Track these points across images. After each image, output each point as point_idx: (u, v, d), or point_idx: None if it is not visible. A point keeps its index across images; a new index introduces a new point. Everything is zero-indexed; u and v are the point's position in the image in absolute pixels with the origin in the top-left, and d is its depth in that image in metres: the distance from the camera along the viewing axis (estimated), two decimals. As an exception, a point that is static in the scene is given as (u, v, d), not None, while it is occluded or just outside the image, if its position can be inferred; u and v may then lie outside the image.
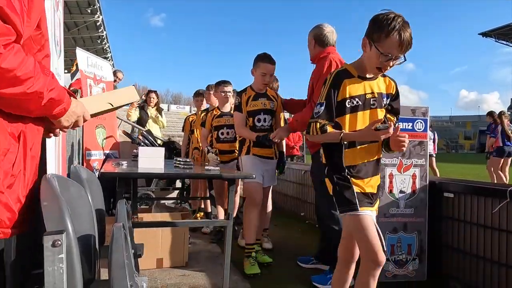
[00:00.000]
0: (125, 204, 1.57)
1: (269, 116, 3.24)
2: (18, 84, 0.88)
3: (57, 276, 0.88)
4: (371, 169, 1.91)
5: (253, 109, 3.22)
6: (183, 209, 4.59)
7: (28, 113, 0.98)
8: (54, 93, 1.00)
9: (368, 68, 1.85)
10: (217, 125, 3.91)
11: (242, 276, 2.94)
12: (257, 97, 3.22)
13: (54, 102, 1.01)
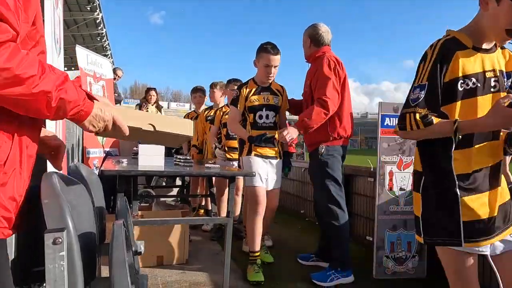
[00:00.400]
0: (125, 202, 1.58)
1: (273, 113, 3.01)
2: (18, 84, 0.85)
3: (58, 273, 0.88)
4: (490, 178, 1.39)
5: (254, 104, 2.98)
6: (183, 206, 4.60)
7: (42, 115, 0.94)
8: (65, 94, 0.95)
9: (492, 33, 1.36)
10: (227, 122, 3.87)
11: (242, 273, 2.95)
12: (260, 91, 3.00)
13: (67, 103, 0.96)
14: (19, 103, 0.87)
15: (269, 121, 3.01)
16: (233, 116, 3.05)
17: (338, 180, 2.87)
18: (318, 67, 2.85)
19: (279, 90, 3.09)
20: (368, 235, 3.62)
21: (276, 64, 2.93)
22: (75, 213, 0.99)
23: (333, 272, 2.76)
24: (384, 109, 2.97)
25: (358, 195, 3.98)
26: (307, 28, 3.03)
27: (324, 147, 2.86)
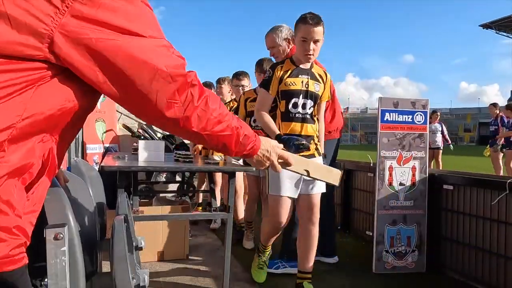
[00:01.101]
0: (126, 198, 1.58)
1: (311, 102, 2.40)
2: (219, 122, 0.93)
3: (60, 269, 0.88)
4: None
5: (289, 88, 2.37)
6: (184, 202, 4.61)
7: (228, 150, 1.02)
8: (246, 129, 1.04)
9: None
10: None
11: (243, 268, 2.96)
12: (298, 74, 2.39)
13: (247, 138, 1.05)
14: (219, 139, 0.96)
15: (305, 111, 2.39)
16: (262, 101, 2.42)
17: None
18: None
19: (321, 76, 2.48)
20: (368, 230, 3.63)
21: (316, 37, 2.30)
22: (76, 208, 1.00)
23: (280, 261, 2.86)
24: (384, 104, 2.97)
25: (358, 190, 3.99)
26: (278, 29, 2.91)
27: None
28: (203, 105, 0.87)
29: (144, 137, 4.84)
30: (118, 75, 0.73)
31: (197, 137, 0.92)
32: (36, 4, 0.67)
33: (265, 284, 2.67)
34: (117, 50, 0.71)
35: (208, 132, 0.91)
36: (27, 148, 0.71)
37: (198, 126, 0.88)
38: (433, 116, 9.65)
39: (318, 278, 2.75)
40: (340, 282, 2.73)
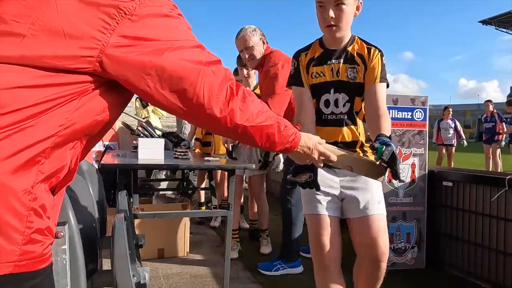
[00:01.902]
0: (126, 195, 1.59)
1: (345, 96, 1.69)
2: (262, 111, 0.97)
3: (61, 267, 0.89)
4: None
5: (315, 81, 1.72)
6: (184, 199, 4.61)
7: (271, 144, 1.03)
8: (284, 121, 1.05)
9: None
10: None
11: (243, 265, 2.97)
12: (326, 58, 1.70)
13: (288, 131, 1.05)
14: (263, 130, 0.98)
15: (339, 110, 1.70)
16: (300, 104, 1.73)
17: None
18: (272, 61, 2.72)
19: (362, 54, 1.69)
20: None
21: (335, 2, 1.56)
22: (76, 207, 1.00)
23: (279, 262, 2.83)
24: (383, 101, 2.97)
25: (358, 187, 3.99)
26: (253, 30, 2.80)
27: None
28: (242, 97, 0.90)
29: (143, 135, 4.83)
30: (167, 81, 0.79)
31: (244, 132, 0.94)
32: (88, 19, 0.72)
33: (265, 283, 2.68)
34: (162, 59, 0.77)
35: (253, 123, 0.93)
36: (60, 155, 0.75)
37: (242, 118, 0.90)
38: (445, 112, 9.61)
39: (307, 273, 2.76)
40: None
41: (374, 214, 1.66)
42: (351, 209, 1.69)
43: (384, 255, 1.63)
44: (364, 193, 1.68)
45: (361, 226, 1.66)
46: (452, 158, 9.39)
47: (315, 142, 1.17)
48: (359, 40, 1.75)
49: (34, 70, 0.69)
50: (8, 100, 0.66)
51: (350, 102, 1.70)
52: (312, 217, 1.72)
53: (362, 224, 1.66)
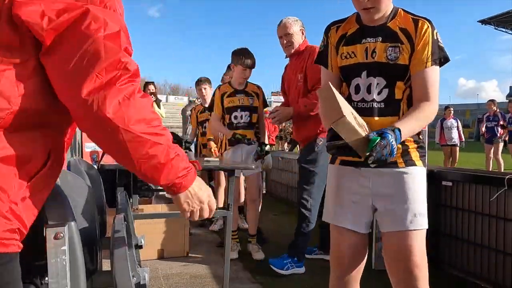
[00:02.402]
0: (126, 196, 1.59)
1: (382, 80, 2.33)
2: (146, 123, 0.81)
3: (60, 267, 0.89)
4: None
5: (344, 63, 1.71)
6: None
7: (154, 170, 0.84)
8: (178, 150, 0.88)
9: None
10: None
11: (243, 266, 2.97)
12: (361, 36, 1.64)
13: (179, 161, 0.87)
14: (144, 146, 0.81)
15: (371, 97, 1.48)
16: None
17: (325, 175, 2.90)
18: (313, 58, 2.83)
19: (407, 30, 1.55)
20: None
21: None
22: (75, 207, 1.00)
23: (290, 261, 2.82)
24: (382, 101, 2.98)
25: (357, 187, 3.99)
26: (294, 19, 2.98)
27: (322, 140, 2.86)
28: (130, 93, 0.78)
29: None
30: (58, 24, 0.73)
31: (115, 138, 0.77)
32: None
33: (265, 284, 2.68)
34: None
35: (130, 129, 0.77)
36: (27, 139, 0.75)
37: (116, 114, 0.75)
38: (446, 112, 9.44)
39: (318, 275, 2.77)
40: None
41: (413, 230, 1.42)
42: (385, 222, 1.46)
43: (419, 280, 1.44)
44: (402, 201, 1.42)
45: (393, 244, 1.43)
46: (456, 159, 9.29)
47: (207, 196, 0.97)
48: (402, 12, 1.46)
49: None
50: None
51: (389, 88, 1.43)
52: (334, 228, 1.54)
53: (395, 240, 1.43)
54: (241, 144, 3.14)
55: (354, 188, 1.46)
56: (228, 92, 3.22)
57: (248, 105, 3.19)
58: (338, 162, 1.54)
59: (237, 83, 3.25)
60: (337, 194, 1.51)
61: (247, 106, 3.19)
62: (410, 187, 1.43)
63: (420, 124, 1.41)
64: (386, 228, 1.45)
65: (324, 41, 1.57)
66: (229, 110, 3.19)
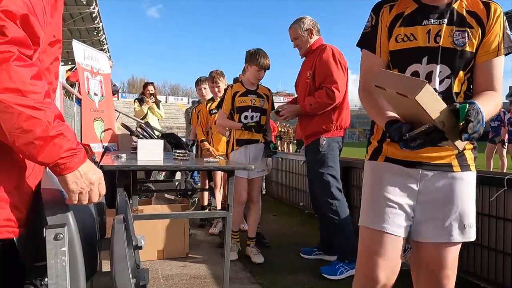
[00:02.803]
0: (125, 197, 1.58)
1: (445, 68, 2.58)
2: (21, 94, 0.76)
3: (60, 268, 0.89)
4: None
5: (400, 47, 2.27)
6: (183, 201, 4.61)
7: (30, 145, 0.80)
8: (64, 130, 0.84)
9: None
10: None
11: (243, 266, 2.97)
12: (422, 17, 1.50)
13: (63, 140, 0.83)
14: (17, 118, 0.77)
15: (434, 87, 2.43)
16: (367, 71, 1.52)
17: (337, 173, 2.90)
18: (321, 56, 2.87)
19: (476, 12, 1.98)
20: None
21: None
22: (75, 208, 1.00)
23: (342, 265, 2.77)
24: (382, 101, 2.98)
25: (357, 187, 3.99)
26: (300, 21, 3.02)
27: (325, 140, 2.86)
28: (3, 59, 0.73)
29: (143, 136, 4.84)
30: None
31: None
32: None
33: (266, 284, 2.68)
34: None
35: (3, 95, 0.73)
36: None
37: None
38: None
39: (318, 275, 2.77)
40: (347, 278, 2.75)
41: (458, 243, 1.29)
42: (426, 230, 1.32)
43: None
44: (453, 211, 1.28)
45: (432, 255, 1.33)
46: (503, 159, 8.96)
47: (98, 179, 0.95)
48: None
49: None
50: None
51: (451, 78, 1.29)
52: (371, 232, 1.35)
53: (435, 251, 1.31)
54: (248, 145, 3.14)
55: (398, 188, 1.32)
56: (241, 92, 3.19)
57: (259, 106, 3.18)
58: (382, 158, 1.38)
59: (250, 83, 3.23)
60: (377, 194, 1.35)
61: (258, 107, 3.17)
62: (464, 196, 1.29)
63: (493, 111, 1.22)
64: (427, 238, 1.33)
65: (372, 21, 1.38)
66: (239, 110, 3.16)
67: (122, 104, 43.95)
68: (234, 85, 3.28)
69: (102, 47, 19.57)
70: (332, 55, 2.83)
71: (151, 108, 6.25)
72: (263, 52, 3.16)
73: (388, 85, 1.10)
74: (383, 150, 1.38)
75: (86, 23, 17.56)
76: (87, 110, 4.52)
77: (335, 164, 2.89)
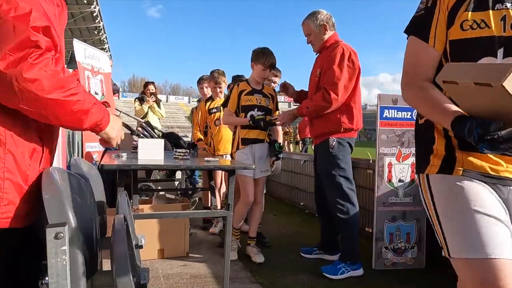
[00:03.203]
0: (126, 196, 1.58)
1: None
2: (65, 89, 0.97)
3: (61, 267, 0.89)
4: None
5: (469, 36, 2.31)
6: (184, 200, 4.60)
7: (79, 121, 1.04)
8: (93, 99, 1.09)
9: None
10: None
11: (243, 265, 2.97)
12: (493, 1, 1.38)
13: (96, 108, 1.08)
14: (68, 105, 1.00)
15: None
16: (415, 62, 1.27)
17: (349, 173, 2.87)
18: (331, 55, 2.78)
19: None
20: (367, 227, 3.64)
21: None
22: (76, 207, 1.00)
23: (343, 265, 2.77)
24: (383, 101, 2.97)
25: (358, 187, 3.98)
26: (313, 16, 2.93)
27: (335, 140, 2.82)
28: (44, 65, 0.90)
29: (143, 135, 4.83)
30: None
31: (37, 106, 0.93)
32: None
33: (265, 284, 2.68)
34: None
35: (50, 97, 0.93)
36: None
37: (34, 84, 0.89)
38: None
39: (319, 274, 2.77)
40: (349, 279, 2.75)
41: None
42: None
43: None
44: None
45: None
46: None
47: (120, 124, 1.25)
48: None
49: None
50: None
51: None
52: (480, 263, 1.03)
53: None
54: (253, 144, 3.13)
55: (490, 201, 1.08)
56: (247, 90, 3.16)
57: (265, 106, 3.16)
58: (459, 171, 1.12)
59: (255, 82, 3.20)
60: (470, 215, 1.06)
61: (264, 107, 3.15)
62: None
63: None
64: None
65: (426, 3, 1.15)
66: (245, 109, 3.13)
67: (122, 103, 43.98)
68: (240, 84, 3.25)
69: (102, 46, 19.58)
70: (341, 54, 2.74)
71: (152, 107, 6.25)
72: (269, 51, 3.13)
73: (462, 77, 0.91)
74: (458, 159, 1.12)
75: (87, 22, 17.57)
76: (88, 109, 4.52)
77: (346, 165, 2.86)
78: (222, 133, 3.96)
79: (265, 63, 3.08)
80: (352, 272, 2.75)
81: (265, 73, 3.15)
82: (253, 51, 3.19)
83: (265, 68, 3.11)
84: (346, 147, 2.86)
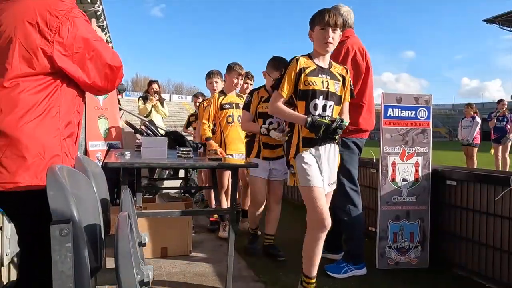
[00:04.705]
0: (129, 194, 1.59)
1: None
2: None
3: (65, 264, 0.89)
4: None
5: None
6: (187, 198, 4.61)
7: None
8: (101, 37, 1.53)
9: None
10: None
11: (246, 264, 2.97)
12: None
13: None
14: None
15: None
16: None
17: (353, 174, 2.83)
18: (337, 52, 2.68)
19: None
20: (371, 226, 3.63)
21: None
22: (80, 205, 1.00)
23: (347, 265, 2.76)
24: (387, 100, 2.96)
25: (361, 186, 3.96)
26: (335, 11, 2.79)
27: (341, 139, 2.78)
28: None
29: (147, 133, 4.85)
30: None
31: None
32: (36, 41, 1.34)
33: (268, 283, 2.68)
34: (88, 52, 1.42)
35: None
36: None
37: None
38: (466, 110, 8.94)
39: (322, 273, 2.76)
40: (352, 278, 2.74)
41: None
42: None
43: None
44: None
45: None
46: (473, 160, 8.82)
47: None
48: None
49: None
50: None
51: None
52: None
53: None
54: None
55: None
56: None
57: None
58: None
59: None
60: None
61: None
62: None
63: None
64: None
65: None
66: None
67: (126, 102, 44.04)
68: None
69: (106, 45, 19.58)
70: (345, 53, 2.69)
71: (155, 106, 6.26)
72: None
73: None
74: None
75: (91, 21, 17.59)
76: (92, 107, 4.54)
77: (351, 166, 2.81)
78: (234, 131, 3.78)
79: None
80: (355, 271, 2.75)
81: None
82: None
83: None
84: (352, 148, 2.83)
